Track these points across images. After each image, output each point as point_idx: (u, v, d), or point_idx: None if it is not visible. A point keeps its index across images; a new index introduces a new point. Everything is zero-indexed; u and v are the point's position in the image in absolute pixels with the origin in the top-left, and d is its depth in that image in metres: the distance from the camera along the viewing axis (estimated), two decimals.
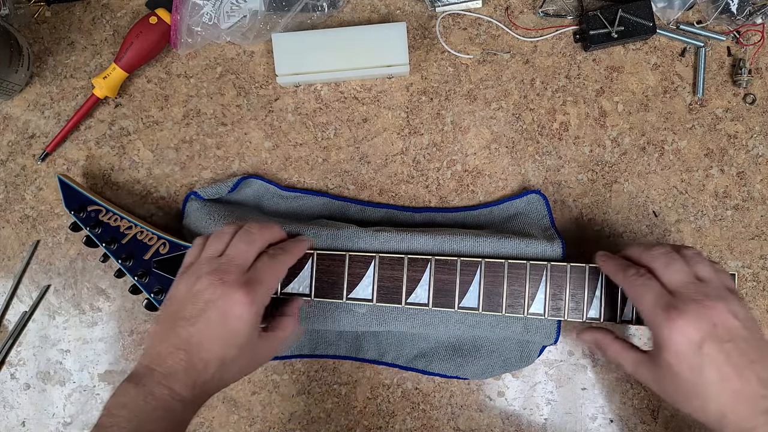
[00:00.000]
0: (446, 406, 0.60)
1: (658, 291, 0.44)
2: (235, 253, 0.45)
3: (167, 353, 0.41)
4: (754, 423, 0.40)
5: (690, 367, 0.42)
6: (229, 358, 0.42)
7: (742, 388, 0.41)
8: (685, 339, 0.42)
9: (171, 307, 0.44)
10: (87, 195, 0.55)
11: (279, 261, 0.47)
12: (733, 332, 0.42)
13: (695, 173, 0.60)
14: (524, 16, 0.60)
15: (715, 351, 0.41)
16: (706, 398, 0.42)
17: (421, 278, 0.51)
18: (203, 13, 0.57)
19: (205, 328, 0.42)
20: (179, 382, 0.41)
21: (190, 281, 0.44)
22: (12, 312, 0.60)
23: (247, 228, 0.48)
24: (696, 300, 0.43)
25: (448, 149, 0.60)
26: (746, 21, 0.58)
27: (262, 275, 0.45)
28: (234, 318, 0.42)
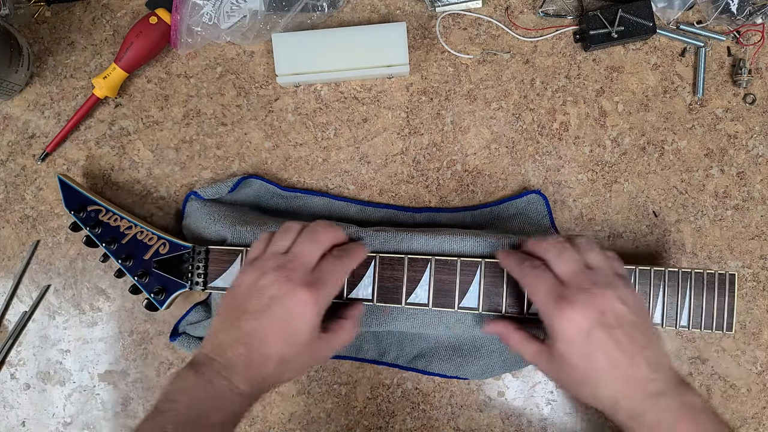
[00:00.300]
0: (446, 406, 0.60)
1: (550, 283, 0.45)
2: (301, 252, 0.45)
3: (228, 345, 0.41)
4: (644, 407, 0.41)
5: (581, 356, 0.42)
6: (289, 357, 0.42)
7: (632, 373, 0.41)
8: (574, 328, 0.42)
9: (235, 300, 0.44)
10: (87, 195, 0.55)
11: (343, 264, 0.47)
12: (622, 318, 0.42)
13: (695, 173, 0.60)
14: (524, 16, 0.60)
15: (604, 338, 0.42)
16: (598, 385, 0.42)
17: (421, 278, 0.51)
18: (203, 13, 0.57)
19: (269, 324, 0.42)
20: (238, 375, 0.41)
21: (255, 275, 0.44)
22: (12, 312, 0.60)
23: (313, 227, 0.48)
24: (584, 289, 0.43)
25: (448, 149, 0.60)
26: (746, 21, 0.58)
27: (326, 276, 0.45)
28: (297, 316, 0.42)
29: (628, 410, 0.41)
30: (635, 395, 0.41)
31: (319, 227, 0.48)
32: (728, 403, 0.59)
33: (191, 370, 0.41)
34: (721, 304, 0.52)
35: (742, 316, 0.59)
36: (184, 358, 0.60)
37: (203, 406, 0.39)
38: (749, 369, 0.59)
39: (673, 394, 0.41)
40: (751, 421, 0.59)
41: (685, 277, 0.52)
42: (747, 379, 0.59)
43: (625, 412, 0.41)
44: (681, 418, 0.40)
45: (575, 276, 0.45)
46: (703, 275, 0.52)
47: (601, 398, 0.42)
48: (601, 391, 0.42)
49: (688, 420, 0.40)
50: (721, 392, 0.59)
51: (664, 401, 0.41)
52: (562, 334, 0.43)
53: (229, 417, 0.41)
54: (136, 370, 0.60)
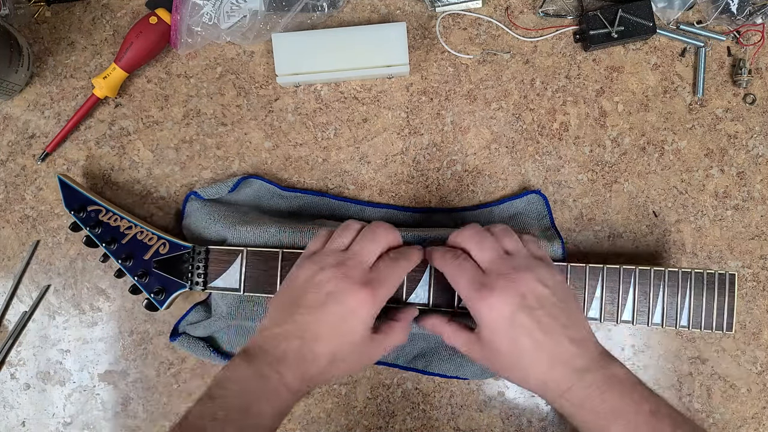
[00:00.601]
0: (446, 406, 0.60)
1: (471, 272, 0.45)
2: (361, 250, 0.45)
3: (282, 337, 0.41)
4: (570, 383, 0.41)
5: (506, 340, 0.43)
6: (341, 355, 0.42)
7: (556, 352, 0.42)
8: (497, 314, 0.43)
9: (291, 293, 0.44)
10: (87, 195, 0.55)
11: (400, 265, 0.47)
12: (543, 300, 0.43)
13: (695, 173, 0.60)
14: (524, 16, 0.60)
15: (527, 320, 0.42)
16: (526, 367, 0.43)
17: (421, 278, 0.51)
18: (203, 13, 0.57)
19: (324, 320, 0.42)
20: (289, 369, 0.41)
21: (312, 270, 0.44)
22: (12, 312, 0.60)
23: (373, 227, 0.48)
24: (504, 274, 0.44)
25: (448, 149, 0.60)
26: (746, 21, 0.58)
27: (384, 277, 0.45)
28: (353, 314, 0.42)
29: (556, 389, 0.42)
30: (561, 373, 0.42)
31: (379, 228, 0.48)
32: (728, 403, 0.59)
33: (244, 359, 0.41)
34: (721, 304, 0.52)
35: (742, 316, 0.59)
36: (184, 358, 0.60)
37: (253, 396, 0.39)
38: (749, 369, 0.59)
39: (597, 368, 0.42)
40: (751, 421, 0.59)
41: (685, 277, 0.52)
42: (747, 379, 0.59)
43: (554, 391, 0.42)
44: (606, 389, 0.41)
45: (494, 263, 0.45)
46: (703, 275, 0.52)
47: (531, 380, 0.43)
48: (530, 373, 0.43)
49: (613, 391, 0.41)
50: (721, 392, 0.59)
51: (590, 376, 0.41)
52: (487, 322, 0.43)
53: (278, 411, 0.41)
54: (136, 370, 0.60)
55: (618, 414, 0.40)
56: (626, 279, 0.52)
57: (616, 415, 0.40)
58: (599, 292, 0.52)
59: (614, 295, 0.52)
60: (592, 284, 0.52)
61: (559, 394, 0.42)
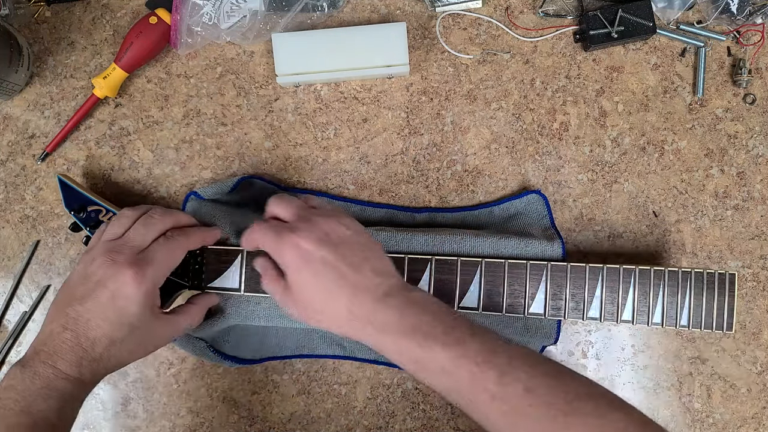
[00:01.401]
0: (446, 406, 0.60)
1: (276, 225, 0.46)
2: (132, 237, 0.46)
3: (54, 333, 0.42)
4: (374, 309, 0.42)
5: (310, 276, 0.43)
6: (119, 338, 0.43)
7: (359, 281, 0.43)
8: (299, 252, 0.43)
9: (66, 290, 0.45)
10: (87, 195, 0.55)
11: (175, 242, 0.47)
12: (345, 237, 0.44)
13: (695, 173, 0.60)
14: (524, 16, 0.60)
15: (329, 255, 0.43)
16: (332, 299, 0.43)
17: (421, 278, 0.51)
18: (203, 13, 0.57)
19: (94, 308, 0.43)
20: (65, 361, 0.41)
21: (85, 263, 0.45)
22: (12, 312, 0.60)
23: (150, 213, 0.49)
24: (307, 219, 0.45)
25: (448, 149, 0.60)
26: (746, 21, 0.58)
27: (154, 255, 0.45)
28: (122, 297, 0.43)
29: (361, 317, 0.43)
30: (365, 300, 0.43)
31: (156, 212, 0.49)
32: (728, 403, 0.59)
33: (18, 365, 0.42)
34: (721, 304, 0.52)
35: (742, 316, 0.59)
36: (184, 357, 0.60)
37: (32, 397, 0.40)
38: (749, 369, 0.59)
39: (398, 293, 0.43)
40: (751, 421, 0.59)
41: (685, 277, 0.52)
42: (747, 379, 0.59)
43: (359, 320, 0.43)
44: (406, 311, 0.42)
45: (298, 213, 0.46)
46: (703, 275, 0.52)
47: (337, 313, 0.43)
48: (335, 306, 0.43)
49: (412, 313, 0.42)
50: (721, 392, 0.59)
51: (392, 300, 0.42)
52: (290, 261, 0.44)
53: (62, 403, 0.41)
54: (136, 370, 0.60)
55: (415, 329, 0.41)
56: (626, 279, 0.52)
57: (414, 330, 0.41)
58: (599, 292, 0.52)
59: (614, 295, 0.52)
60: (592, 284, 0.52)
61: (365, 322, 0.42)
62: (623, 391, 0.59)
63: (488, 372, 0.39)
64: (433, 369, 0.40)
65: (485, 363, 0.39)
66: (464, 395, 0.40)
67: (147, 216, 0.48)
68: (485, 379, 0.39)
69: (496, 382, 0.38)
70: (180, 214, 0.51)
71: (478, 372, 0.39)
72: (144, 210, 0.50)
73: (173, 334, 0.49)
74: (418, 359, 0.41)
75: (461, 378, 0.39)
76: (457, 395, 0.40)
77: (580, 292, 0.52)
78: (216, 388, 0.60)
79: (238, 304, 0.54)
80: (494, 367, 0.39)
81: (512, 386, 0.38)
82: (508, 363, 0.39)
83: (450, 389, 0.41)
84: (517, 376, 0.38)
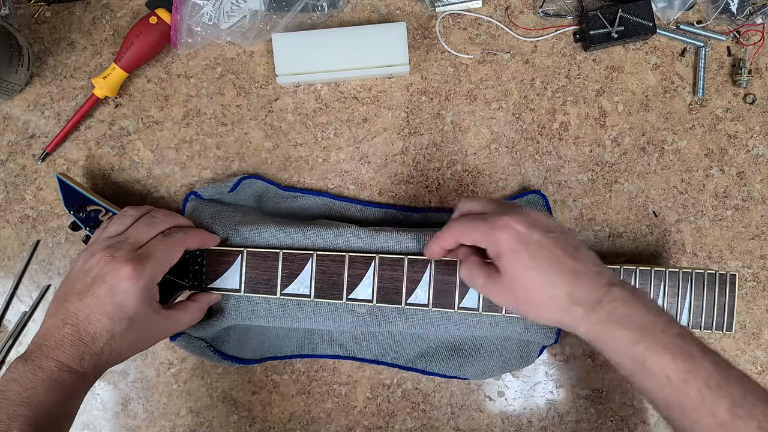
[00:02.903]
0: (446, 406, 0.60)
1: (480, 217, 0.46)
2: (133, 233, 0.47)
3: (55, 328, 0.43)
4: (598, 297, 0.41)
5: (527, 259, 0.43)
6: (119, 332, 0.43)
7: (578, 267, 0.42)
8: (515, 233, 0.43)
9: (65, 285, 0.45)
10: (86, 194, 0.55)
11: (174, 239, 0.48)
12: (551, 226, 0.44)
13: (695, 173, 0.60)
14: (524, 16, 0.60)
15: (543, 238, 0.43)
16: (549, 284, 0.43)
17: (421, 279, 0.51)
18: (203, 13, 0.57)
19: (93, 302, 0.43)
20: (67, 354, 0.42)
21: (84, 259, 0.46)
22: (12, 312, 0.60)
23: (151, 212, 0.49)
24: (512, 208, 0.46)
25: (448, 149, 0.60)
26: (746, 21, 0.58)
27: (152, 251, 0.46)
28: (121, 292, 0.43)
29: (584, 303, 0.42)
30: (589, 287, 0.42)
31: (157, 213, 0.49)
32: None
33: (21, 359, 0.42)
34: (721, 304, 0.52)
35: (742, 316, 0.59)
36: (184, 357, 0.60)
37: (35, 389, 0.41)
38: (749, 369, 0.59)
39: (623, 285, 0.42)
40: None
41: (686, 278, 0.52)
42: None
43: (581, 306, 0.42)
44: (635, 307, 0.41)
45: (496, 206, 0.46)
46: (703, 275, 0.52)
47: (553, 299, 0.43)
48: (553, 291, 0.43)
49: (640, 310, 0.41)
50: None
51: (618, 291, 0.42)
52: (506, 245, 0.43)
53: (64, 396, 0.42)
54: (136, 370, 0.60)
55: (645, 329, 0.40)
56: (626, 279, 0.52)
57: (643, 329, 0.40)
58: None
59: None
60: None
61: (587, 311, 0.41)
62: (623, 392, 0.59)
63: (720, 399, 0.38)
64: (657, 376, 0.39)
65: (718, 388, 0.38)
66: (687, 413, 0.39)
67: (148, 215, 0.49)
68: (716, 405, 0.38)
69: (728, 411, 0.37)
70: (179, 217, 0.51)
71: (709, 395, 0.38)
72: (146, 210, 0.50)
73: (173, 328, 0.49)
74: (642, 361, 0.40)
75: (688, 395, 0.38)
76: (677, 410, 0.39)
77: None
78: (216, 388, 0.60)
79: (238, 304, 0.54)
80: (727, 395, 0.38)
81: (745, 421, 0.37)
82: (743, 395, 0.38)
83: (671, 403, 0.39)
84: (752, 411, 0.37)
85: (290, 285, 0.52)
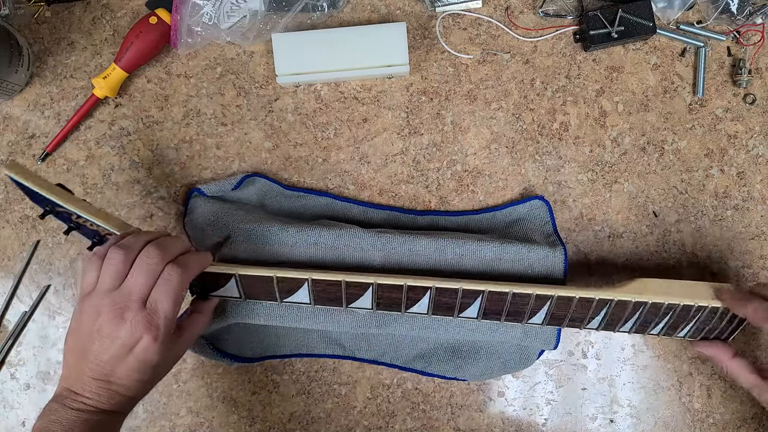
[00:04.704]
0: (446, 406, 0.60)
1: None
2: (133, 287, 0.44)
3: (87, 381, 0.44)
4: None
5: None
6: (146, 377, 0.45)
7: None
8: None
9: (78, 342, 0.45)
10: (48, 197, 0.48)
11: (176, 283, 0.45)
12: None
13: (695, 173, 0.60)
14: (524, 16, 0.60)
15: None
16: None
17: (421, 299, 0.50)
18: (203, 13, 0.57)
19: (116, 362, 0.44)
20: (103, 402, 0.44)
21: (91, 317, 0.44)
22: (12, 312, 0.60)
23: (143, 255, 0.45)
24: None
25: (448, 149, 0.60)
26: (746, 21, 0.58)
27: (160, 307, 0.44)
28: (142, 352, 0.44)
29: None
30: None
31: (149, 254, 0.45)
32: (728, 403, 0.59)
33: (57, 403, 0.43)
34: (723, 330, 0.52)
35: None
36: (184, 357, 0.60)
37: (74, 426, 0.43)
38: None
39: None
40: (750, 421, 0.59)
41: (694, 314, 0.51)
42: None
43: None
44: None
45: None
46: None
47: None
48: None
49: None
50: (721, 392, 0.59)
51: None
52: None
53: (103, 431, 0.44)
54: None
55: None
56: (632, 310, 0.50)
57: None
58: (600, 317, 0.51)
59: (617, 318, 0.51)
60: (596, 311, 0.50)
61: None
62: (623, 391, 0.59)
63: None
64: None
65: None
66: None
67: (142, 260, 0.45)
68: None
69: None
70: (171, 244, 0.47)
71: None
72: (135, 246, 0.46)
73: (187, 347, 0.50)
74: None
75: None
76: None
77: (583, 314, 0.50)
78: (216, 388, 0.60)
79: (238, 303, 0.54)
80: None
81: None
82: None
83: None
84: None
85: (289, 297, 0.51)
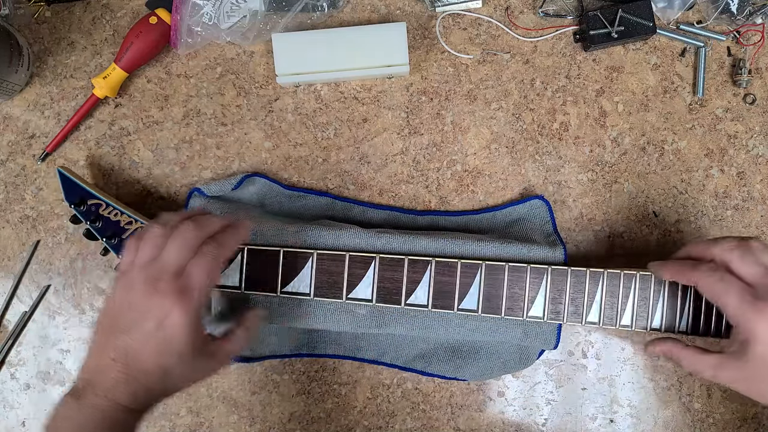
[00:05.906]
0: (446, 406, 0.60)
1: (739, 285, 0.44)
2: (168, 259, 0.44)
3: (106, 366, 0.41)
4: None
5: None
6: (171, 366, 0.42)
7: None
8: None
9: (107, 319, 0.44)
10: (87, 189, 0.54)
11: (212, 259, 0.45)
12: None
13: (695, 173, 0.60)
14: (524, 16, 0.60)
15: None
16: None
17: (421, 279, 0.51)
18: (203, 13, 0.57)
19: (142, 339, 0.41)
20: (121, 393, 0.41)
21: (125, 290, 0.43)
22: (12, 312, 0.60)
23: (181, 229, 0.45)
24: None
25: (448, 149, 0.60)
26: (746, 21, 0.58)
27: (194, 280, 0.43)
28: (169, 327, 0.42)
29: None
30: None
31: (187, 228, 0.45)
32: (728, 403, 0.59)
33: (71, 396, 0.41)
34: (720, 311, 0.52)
35: None
36: None
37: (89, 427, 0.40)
38: None
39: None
40: (751, 421, 0.59)
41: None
42: None
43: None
44: None
45: (763, 278, 0.44)
46: None
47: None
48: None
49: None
50: (721, 392, 0.59)
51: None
52: (763, 336, 0.42)
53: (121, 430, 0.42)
54: None
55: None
56: (627, 284, 0.51)
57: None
58: (599, 297, 0.51)
59: (614, 300, 0.51)
60: (592, 288, 0.51)
61: None
62: (623, 391, 0.59)
63: None
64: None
65: None
66: None
67: (178, 233, 0.45)
68: None
69: None
70: (209, 221, 0.47)
71: None
72: (172, 223, 0.46)
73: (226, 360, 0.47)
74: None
75: None
76: None
77: (580, 296, 0.51)
78: (216, 388, 0.60)
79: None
80: None
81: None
82: None
83: None
84: None
85: (290, 283, 0.52)
